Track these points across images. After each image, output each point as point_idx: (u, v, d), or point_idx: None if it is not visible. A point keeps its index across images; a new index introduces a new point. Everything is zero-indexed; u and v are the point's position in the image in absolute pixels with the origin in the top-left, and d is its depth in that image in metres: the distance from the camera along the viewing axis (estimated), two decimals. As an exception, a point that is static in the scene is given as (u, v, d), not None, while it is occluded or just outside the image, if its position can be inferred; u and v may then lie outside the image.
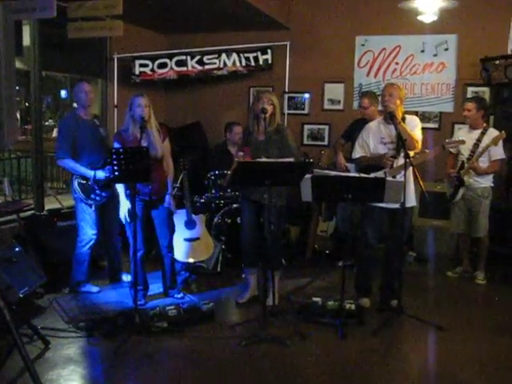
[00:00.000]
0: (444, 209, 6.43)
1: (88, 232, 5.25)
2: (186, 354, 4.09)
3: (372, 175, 4.68)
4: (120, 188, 4.90)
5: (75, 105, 5.42)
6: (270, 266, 4.64)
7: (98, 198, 5.20)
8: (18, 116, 10.13)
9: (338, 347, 4.22)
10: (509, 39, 6.87)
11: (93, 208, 5.22)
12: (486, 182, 5.72)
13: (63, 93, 13.31)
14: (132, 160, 4.09)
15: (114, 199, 5.26)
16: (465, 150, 5.69)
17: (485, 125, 5.75)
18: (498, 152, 5.61)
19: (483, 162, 5.64)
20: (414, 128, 4.82)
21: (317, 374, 3.86)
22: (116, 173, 4.17)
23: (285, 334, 4.30)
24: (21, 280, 4.82)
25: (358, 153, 5.03)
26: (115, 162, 4.11)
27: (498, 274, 5.98)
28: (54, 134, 12.92)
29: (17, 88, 4.10)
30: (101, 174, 5.10)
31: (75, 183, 5.14)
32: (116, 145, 4.77)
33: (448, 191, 5.93)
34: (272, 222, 4.56)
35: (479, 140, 5.61)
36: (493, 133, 5.62)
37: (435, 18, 5.87)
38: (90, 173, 5.10)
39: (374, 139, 4.93)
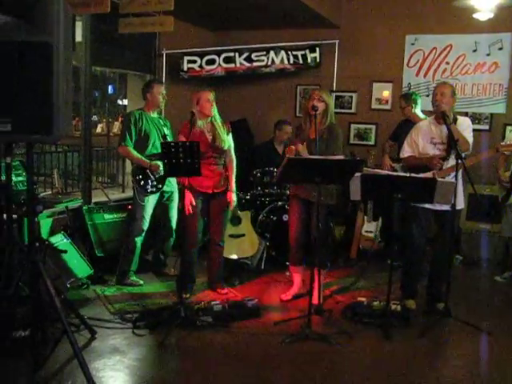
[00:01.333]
0: (492, 212, 6.30)
1: (140, 222, 5.32)
2: (230, 349, 4.09)
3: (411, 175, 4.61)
4: (184, 181, 4.96)
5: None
6: (317, 265, 4.61)
7: (153, 189, 5.29)
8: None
9: (383, 348, 4.17)
10: None
11: (147, 198, 5.29)
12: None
13: (109, 88, 13.51)
14: (183, 155, 4.12)
15: (174, 194, 5.38)
16: (519, 153, 5.55)
17: None
18: None
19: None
20: (466, 129, 4.71)
21: (361, 373, 3.82)
22: (167, 166, 4.21)
23: (329, 333, 4.27)
24: (68, 270, 4.94)
25: (406, 152, 4.96)
26: (167, 156, 4.16)
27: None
28: (98, 129, 13.19)
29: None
30: (156, 164, 5.18)
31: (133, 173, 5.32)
32: (181, 138, 4.83)
33: (500, 194, 5.79)
34: (320, 221, 4.53)
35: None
36: None
37: (491, 15, 5.74)
38: (146, 162, 5.20)
39: (423, 139, 4.84)
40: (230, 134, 5.13)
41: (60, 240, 5.03)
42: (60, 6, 3.05)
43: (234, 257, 5.78)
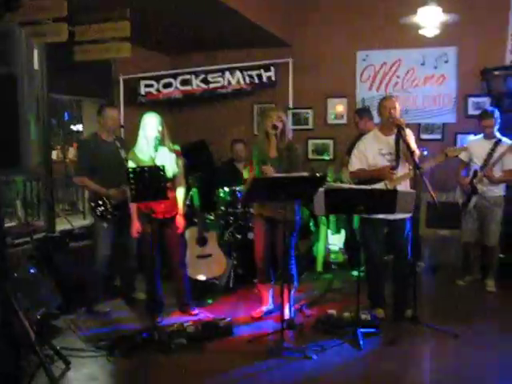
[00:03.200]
0: (450, 218, 6.51)
1: (102, 250, 5.30)
2: (206, 369, 4.11)
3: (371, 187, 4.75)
4: (132, 207, 4.96)
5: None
6: (285, 280, 4.68)
7: (109, 216, 5.26)
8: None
9: (358, 357, 4.26)
10: (507, 50, 7.00)
11: (106, 225, 5.27)
12: (499, 190, 5.80)
13: (65, 115, 13.36)
14: (149, 179, 4.15)
15: (127, 218, 5.33)
16: (478, 159, 5.80)
17: (498, 134, 5.83)
18: None
19: (496, 172, 5.72)
20: (412, 140, 4.91)
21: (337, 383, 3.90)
22: (133, 192, 4.23)
23: (303, 346, 4.34)
24: (37, 301, 4.87)
25: (355, 165, 5.06)
26: (132, 181, 4.17)
27: (508, 282, 6.01)
28: (53, 156, 12.99)
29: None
30: (114, 193, 5.18)
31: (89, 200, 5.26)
32: (130, 164, 4.83)
33: (460, 200, 5.99)
34: (286, 237, 4.60)
35: (493, 149, 5.70)
36: (505, 143, 5.72)
37: (437, 31, 5.97)
38: (103, 191, 5.19)
39: (371, 151, 4.99)
40: (181, 158, 5.08)
41: (27, 271, 4.96)
42: (22, 38, 3.07)
43: (203, 277, 5.81)
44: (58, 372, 3.96)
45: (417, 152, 4.78)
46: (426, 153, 5.06)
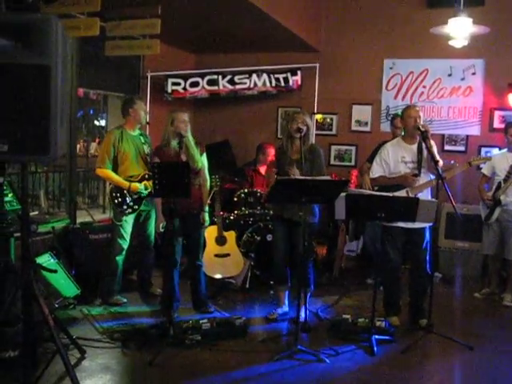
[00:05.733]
0: (470, 231, 6.50)
1: (120, 242, 5.37)
2: (219, 366, 4.13)
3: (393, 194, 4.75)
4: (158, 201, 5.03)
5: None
6: (302, 283, 4.70)
7: (129, 209, 5.32)
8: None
9: (370, 364, 4.26)
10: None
11: (125, 218, 5.34)
12: (522, 204, 5.78)
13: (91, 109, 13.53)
14: (173, 175, 4.19)
15: (149, 212, 5.40)
16: (501, 171, 5.79)
17: None
18: None
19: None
20: (436, 150, 4.92)
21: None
22: (156, 187, 4.27)
23: (316, 350, 4.34)
24: (56, 290, 4.94)
25: (376, 172, 5.07)
26: (156, 177, 4.22)
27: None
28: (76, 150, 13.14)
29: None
30: (136, 186, 5.24)
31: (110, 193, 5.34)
32: (155, 159, 4.89)
33: (482, 213, 5.96)
34: (305, 240, 4.63)
35: (516, 161, 5.70)
36: None
37: (466, 43, 5.95)
38: (126, 184, 5.24)
39: (394, 158, 5.00)
40: (204, 155, 5.18)
41: (47, 260, 5.03)
42: (58, 29, 3.13)
43: (219, 276, 5.84)
44: (73, 360, 4.02)
45: (440, 162, 4.77)
46: (452, 161, 5.06)
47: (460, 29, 5.69)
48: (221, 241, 5.88)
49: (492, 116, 7.23)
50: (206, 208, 5.17)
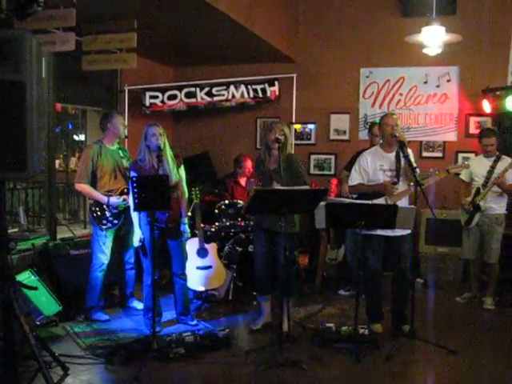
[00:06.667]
0: (449, 236, 6.58)
1: (100, 257, 5.33)
2: (204, 379, 4.13)
3: (372, 202, 4.79)
4: (134, 216, 5.00)
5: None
6: (284, 293, 4.71)
7: (109, 224, 5.30)
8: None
9: (354, 371, 4.26)
10: (509, 71, 7.09)
11: (105, 233, 5.31)
12: (501, 208, 5.85)
13: (69, 124, 13.45)
14: (153, 188, 4.18)
15: (128, 226, 5.36)
16: (479, 177, 5.85)
17: (497, 152, 5.89)
18: None
19: (496, 189, 5.76)
20: (413, 158, 4.97)
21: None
22: (136, 201, 4.26)
23: (301, 359, 4.34)
24: (37, 308, 4.89)
25: (355, 180, 5.09)
26: (136, 190, 4.21)
27: (506, 299, 6.07)
28: (56, 165, 13.04)
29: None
30: (114, 201, 5.22)
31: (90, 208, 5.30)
32: (133, 174, 4.87)
33: (462, 218, 6.01)
34: (286, 249, 4.63)
35: (493, 166, 5.76)
36: (506, 159, 5.78)
37: (440, 51, 6.04)
38: (104, 198, 5.22)
39: (372, 166, 5.03)
40: (182, 167, 5.16)
41: (28, 277, 4.99)
42: (32, 45, 3.12)
43: (202, 288, 5.82)
44: (56, 378, 3.96)
45: (417, 169, 4.82)
46: (431, 169, 5.10)
47: (433, 37, 5.78)
48: (202, 253, 5.87)
49: (468, 122, 7.35)
50: (186, 220, 5.16)
